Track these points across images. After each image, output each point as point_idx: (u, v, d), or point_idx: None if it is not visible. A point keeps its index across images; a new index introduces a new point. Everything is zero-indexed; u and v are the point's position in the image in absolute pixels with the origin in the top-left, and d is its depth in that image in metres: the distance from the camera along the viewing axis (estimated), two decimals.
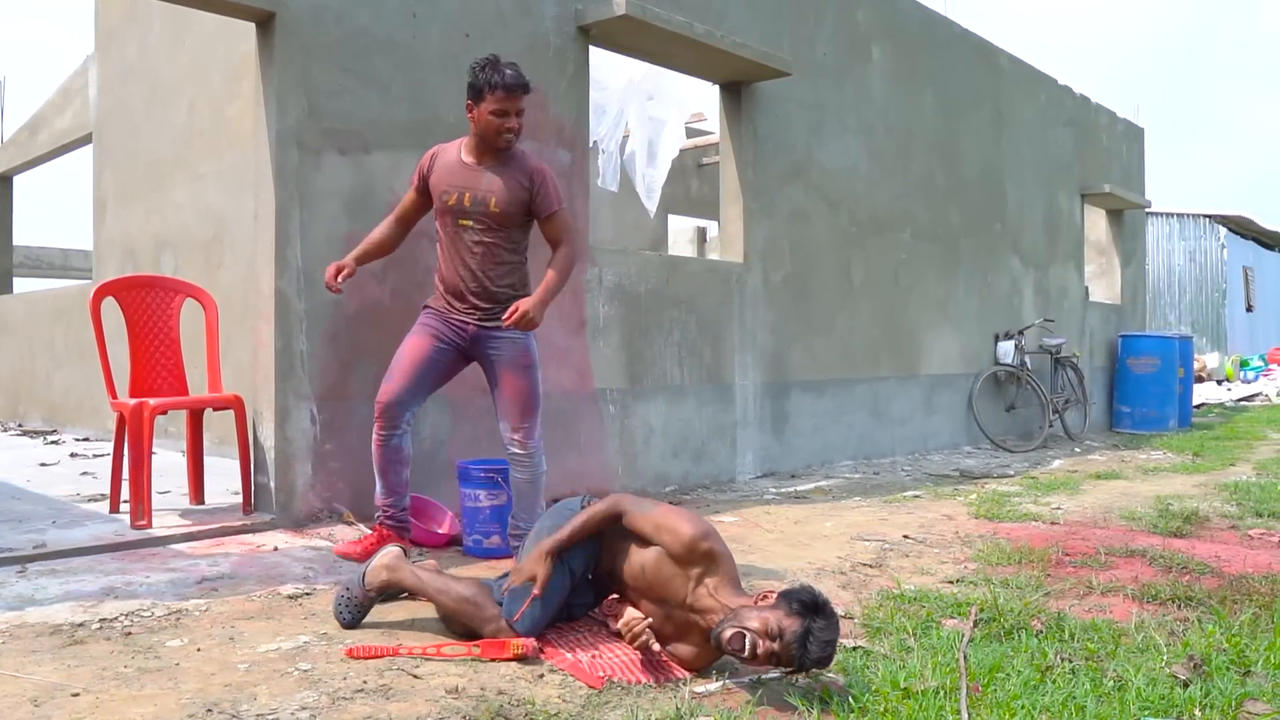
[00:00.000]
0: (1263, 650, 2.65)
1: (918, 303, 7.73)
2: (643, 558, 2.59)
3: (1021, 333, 8.85)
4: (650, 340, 5.53)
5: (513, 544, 3.59)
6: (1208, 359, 18.29)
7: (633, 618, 2.51)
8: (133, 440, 3.85)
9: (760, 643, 2.24)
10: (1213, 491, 5.86)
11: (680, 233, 11.06)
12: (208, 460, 4.43)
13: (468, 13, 4.64)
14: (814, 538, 4.33)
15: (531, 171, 3.53)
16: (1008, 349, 8.66)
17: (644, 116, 7.54)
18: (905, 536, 4.38)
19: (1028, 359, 8.85)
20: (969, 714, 2.18)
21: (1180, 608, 3.21)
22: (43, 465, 5.53)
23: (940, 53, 8.02)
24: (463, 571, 3.50)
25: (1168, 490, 5.92)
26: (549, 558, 2.61)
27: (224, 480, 4.54)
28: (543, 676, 2.45)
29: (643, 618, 2.50)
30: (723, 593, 2.44)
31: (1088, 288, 10.71)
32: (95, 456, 5.80)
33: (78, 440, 6.72)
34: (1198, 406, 13.12)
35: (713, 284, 5.95)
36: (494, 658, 2.53)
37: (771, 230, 6.36)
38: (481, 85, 3.39)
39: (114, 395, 4.06)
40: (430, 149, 3.69)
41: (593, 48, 5.32)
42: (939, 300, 7.99)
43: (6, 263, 9.41)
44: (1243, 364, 19.23)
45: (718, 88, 6.21)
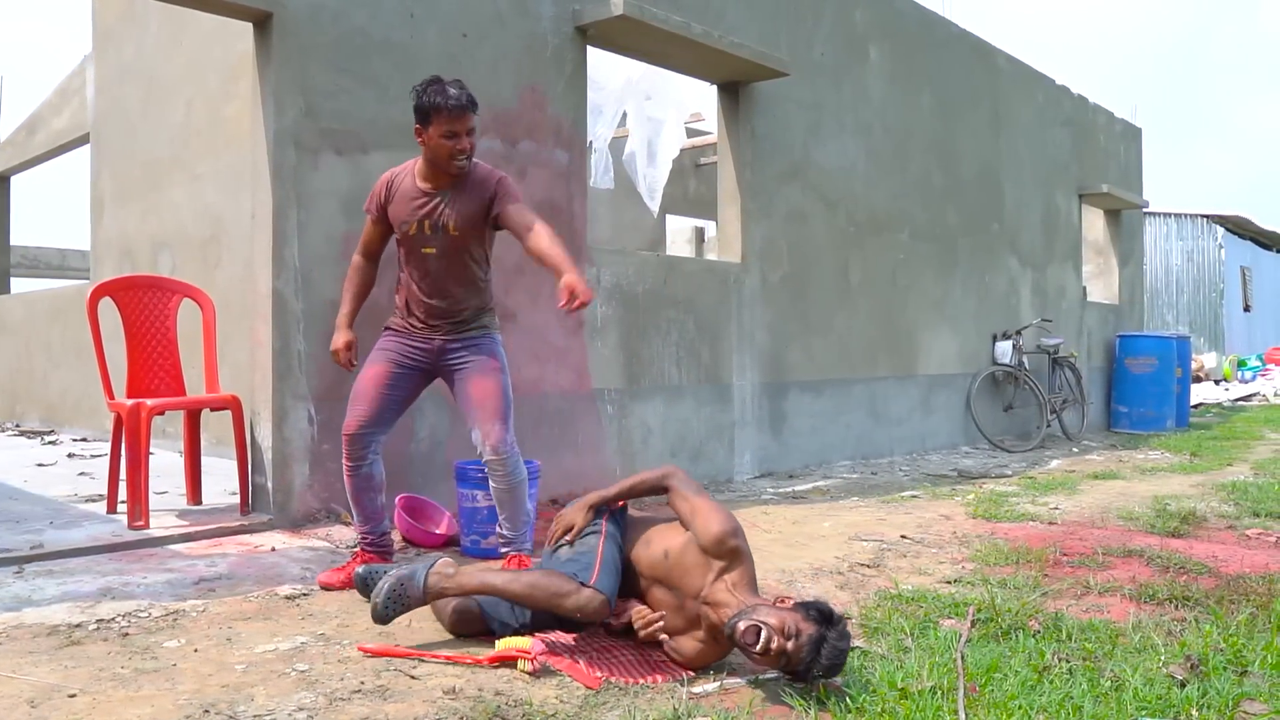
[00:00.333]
0: (1260, 650, 2.65)
1: (915, 303, 7.73)
2: (668, 543, 2.64)
3: (1019, 333, 8.86)
4: (648, 340, 5.53)
5: (501, 551, 3.54)
6: (1205, 359, 18.29)
7: (645, 609, 2.61)
8: (130, 440, 3.85)
9: (775, 639, 2.27)
10: (1210, 491, 5.87)
11: (678, 233, 11.04)
12: (205, 461, 4.43)
13: (465, 13, 4.64)
14: (812, 538, 4.34)
15: (486, 181, 3.38)
16: (1005, 349, 8.66)
17: (642, 117, 7.54)
18: (903, 536, 4.38)
19: (1025, 359, 8.86)
20: (966, 714, 2.19)
21: (1178, 608, 3.21)
22: (40, 465, 5.52)
23: (938, 53, 8.03)
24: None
25: (1165, 490, 5.93)
26: (590, 510, 2.77)
27: (221, 480, 4.54)
28: (540, 677, 2.45)
29: (654, 612, 2.59)
30: (741, 590, 2.49)
31: (1085, 288, 10.71)
32: (93, 457, 5.80)
33: (75, 440, 6.71)
34: (1195, 406, 13.14)
35: (711, 284, 5.95)
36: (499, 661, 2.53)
37: (769, 230, 6.36)
38: (427, 108, 3.21)
39: (111, 395, 4.06)
40: (383, 176, 3.49)
41: (590, 48, 5.32)
42: (937, 300, 7.99)
43: (4, 263, 9.41)
44: (1240, 364, 19.24)
45: (715, 88, 6.22)
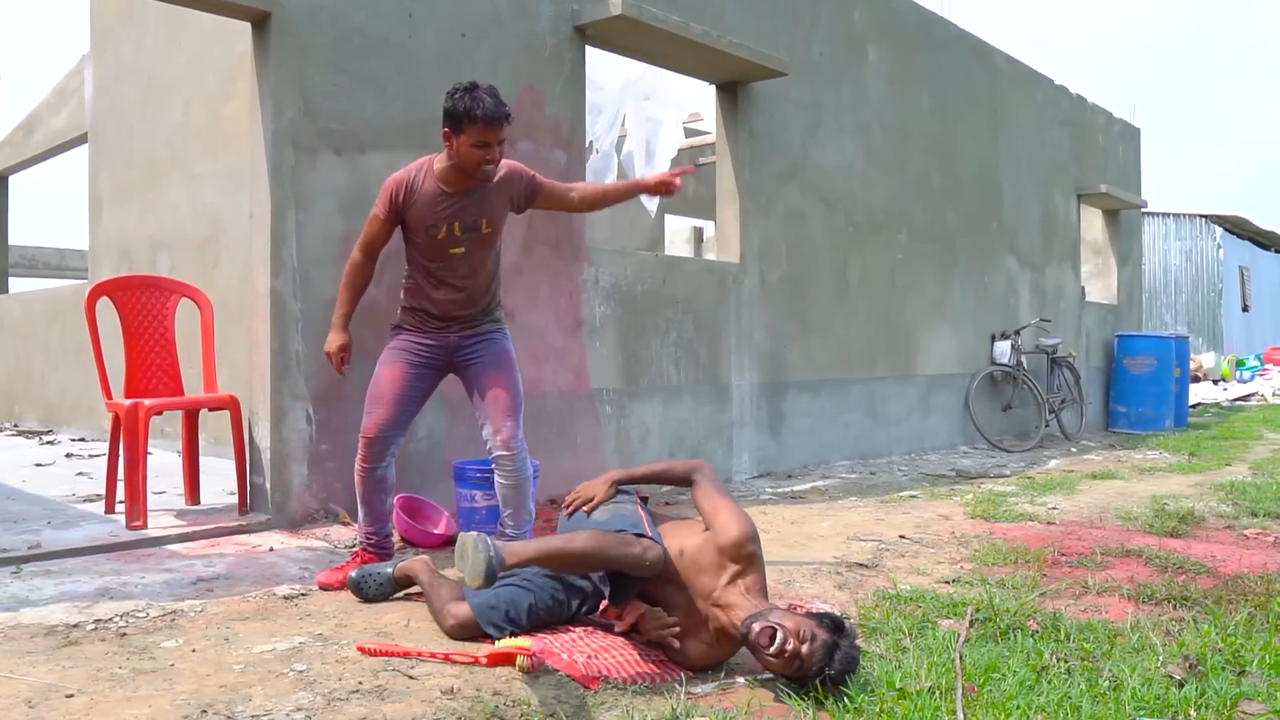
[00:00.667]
0: (1258, 650, 2.65)
1: (914, 303, 7.73)
2: (683, 542, 2.64)
3: (1018, 333, 8.86)
4: (647, 340, 5.53)
5: None
6: (1204, 359, 18.29)
7: (659, 610, 2.60)
8: (128, 441, 3.85)
9: (790, 641, 2.29)
10: (1209, 491, 5.87)
11: (677, 233, 11.04)
12: (203, 461, 4.43)
13: (464, 12, 4.63)
14: (810, 538, 4.33)
15: (513, 178, 3.41)
16: (1004, 349, 8.66)
17: (641, 116, 7.54)
18: (901, 536, 4.38)
19: (1024, 359, 8.86)
20: (964, 714, 2.19)
21: (1176, 608, 3.21)
22: (38, 465, 5.52)
23: (937, 53, 8.03)
24: (457, 572, 3.50)
25: (1164, 490, 5.93)
26: (613, 485, 2.85)
27: (220, 481, 4.54)
28: (538, 677, 2.45)
29: (666, 615, 2.59)
30: (754, 595, 2.51)
31: (1084, 288, 10.72)
32: (91, 457, 5.80)
33: (73, 440, 6.71)
34: (1194, 406, 13.14)
35: (709, 284, 5.95)
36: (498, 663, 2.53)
37: (768, 230, 6.36)
38: (461, 115, 3.15)
39: (109, 395, 4.06)
40: (395, 178, 3.38)
41: (589, 48, 5.31)
42: (935, 300, 7.99)
43: (2, 263, 9.40)
44: (1239, 364, 19.26)
45: (714, 88, 6.21)
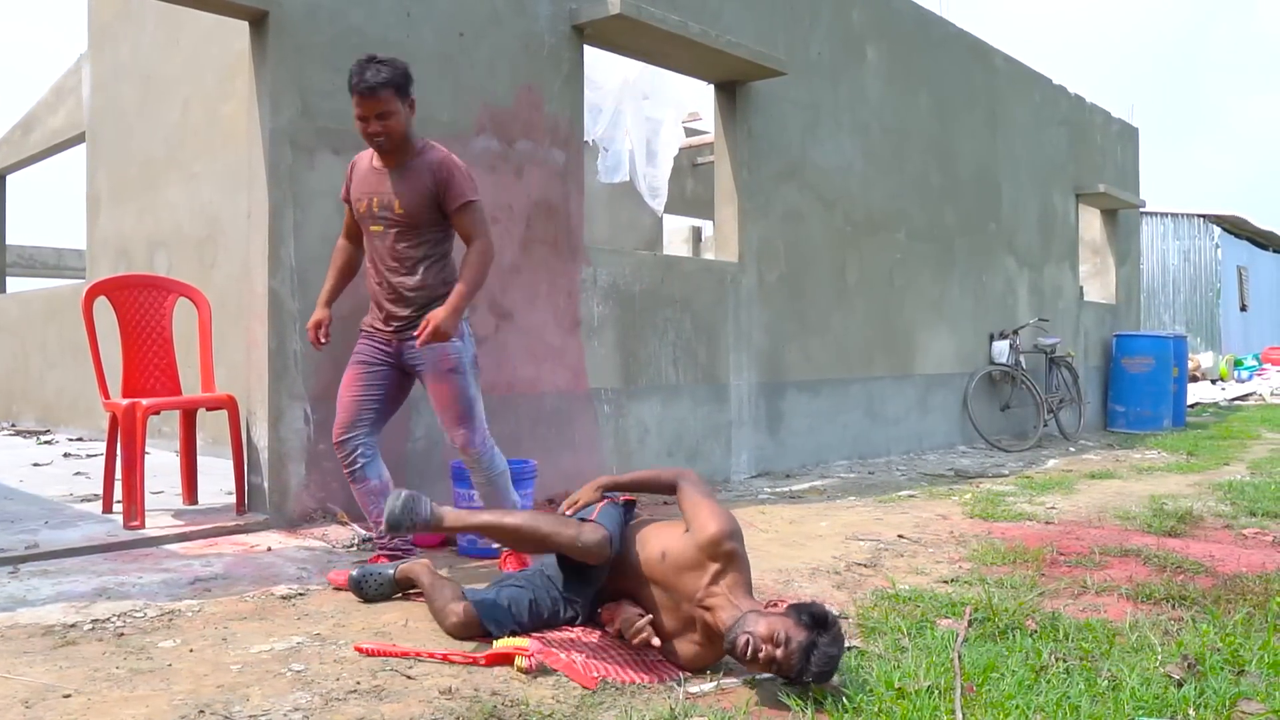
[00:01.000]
0: (1256, 650, 2.65)
1: (912, 302, 7.73)
2: (666, 544, 2.63)
3: (1016, 332, 8.86)
4: (645, 340, 5.53)
5: (496, 547, 3.56)
6: (1202, 358, 18.32)
7: (634, 613, 2.57)
8: (126, 440, 3.84)
9: (763, 647, 2.27)
10: (1207, 491, 5.87)
11: (675, 232, 11.04)
12: (201, 460, 4.43)
13: (462, 12, 4.63)
14: (809, 537, 4.33)
15: (436, 166, 3.32)
16: (1003, 349, 8.66)
17: (640, 116, 7.53)
18: (900, 536, 4.38)
19: (1022, 359, 8.86)
20: (963, 714, 2.18)
21: (1175, 607, 3.21)
22: (36, 465, 5.51)
23: (935, 52, 8.03)
24: (457, 571, 3.50)
25: (1162, 490, 5.93)
26: (598, 490, 2.88)
27: (217, 480, 4.54)
28: (537, 677, 2.44)
29: (643, 614, 2.56)
30: (736, 594, 2.49)
31: (1082, 287, 10.72)
32: (88, 456, 5.79)
33: (71, 440, 6.70)
34: (1192, 406, 13.15)
35: (708, 284, 5.95)
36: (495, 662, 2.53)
37: (766, 230, 6.36)
38: (349, 88, 3.22)
39: (107, 395, 4.05)
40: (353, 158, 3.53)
41: (587, 47, 5.31)
42: (934, 300, 7.99)
43: (0, 262, 9.39)
44: (1237, 363, 19.28)
45: (713, 87, 6.21)
